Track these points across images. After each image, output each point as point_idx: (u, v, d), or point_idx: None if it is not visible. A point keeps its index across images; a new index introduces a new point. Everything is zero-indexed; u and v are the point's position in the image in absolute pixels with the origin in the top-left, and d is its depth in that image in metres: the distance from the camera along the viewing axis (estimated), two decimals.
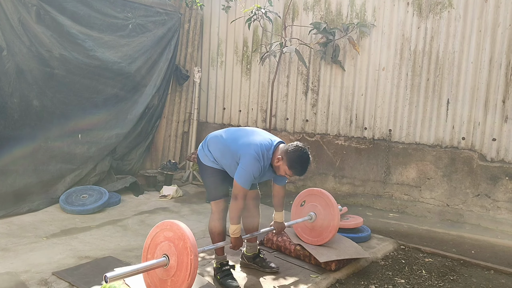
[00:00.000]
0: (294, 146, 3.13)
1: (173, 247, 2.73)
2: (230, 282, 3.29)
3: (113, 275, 2.55)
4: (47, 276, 3.30)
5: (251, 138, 3.20)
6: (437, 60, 5.22)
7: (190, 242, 2.67)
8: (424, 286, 3.59)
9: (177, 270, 2.70)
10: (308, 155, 3.14)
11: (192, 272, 2.65)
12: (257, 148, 3.11)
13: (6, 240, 4.00)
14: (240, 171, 3.10)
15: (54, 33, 4.97)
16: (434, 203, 5.32)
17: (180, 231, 2.73)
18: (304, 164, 3.12)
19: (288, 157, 3.10)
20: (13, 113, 4.77)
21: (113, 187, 5.55)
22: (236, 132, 3.35)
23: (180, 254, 2.69)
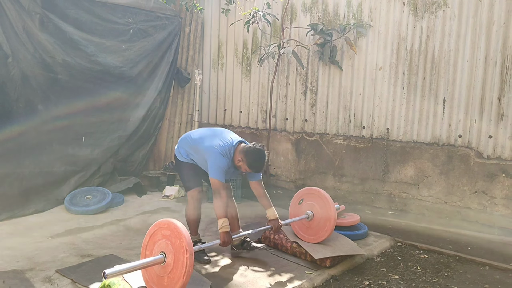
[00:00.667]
0: (252, 148, 3.57)
1: (170, 245, 2.87)
2: (202, 256, 3.75)
3: (112, 271, 2.69)
4: (51, 273, 3.43)
5: (214, 140, 3.63)
6: (433, 59, 5.29)
7: (186, 241, 2.80)
8: (418, 282, 3.66)
9: (173, 268, 2.84)
10: (263, 154, 3.59)
11: (188, 269, 2.77)
12: (219, 148, 3.56)
13: (13, 239, 4.15)
14: (211, 168, 3.55)
15: (57, 40, 5.13)
16: (432, 200, 5.38)
17: (176, 229, 2.86)
18: (261, 162, 3.59)
19: (247, 158, 3.55)
20: (19, 117, 4.93)
21: (116, 188, 5.69)
22: (203, 134, 3.81)
23: (177, 252, 2.83)
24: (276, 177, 6.66)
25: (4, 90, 4.76)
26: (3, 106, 4.78)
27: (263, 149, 3.60)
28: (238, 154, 3.60)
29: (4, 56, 4.72)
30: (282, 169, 6.60)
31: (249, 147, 3.59)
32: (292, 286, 3.41)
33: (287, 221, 4.03)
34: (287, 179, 6.56)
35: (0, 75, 4.72)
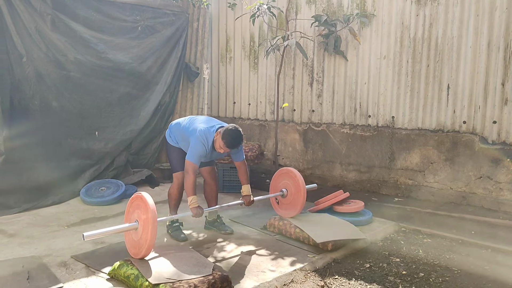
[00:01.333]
0: (226, 129, 3.84)
1: (142, 214, 3.37)
2: (179, 234, 4.14)
3: (90, 234, 3.21)
4: (66, 259, 3.64)
5: (198, 125, 3.96)
6: (436, 46, 5.32)
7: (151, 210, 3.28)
8: (419, 264, 3.75)
9: (143, 233, 3.33)
10: (238, 132, 3.84)
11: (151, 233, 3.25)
12: (201, 132, 3.87)
13: (32, 229, 4.40)
14: (189, 151, 3.91)
15: (68, 39, 5.35)
16: (437, 186, 5.44)
17: (144, 201, 3.36)
18: (234, 136, 3.82)
19: (223, 132, 3.83)
20: (35, 114, 5.18)
21: (130, 180, 5.91)
22: (190, 121, 4.13)
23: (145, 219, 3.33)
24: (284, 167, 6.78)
25: (20, 88, 5.01)
26: (20, 104, 5.03)
27: (238, 129, 3.87)
28: (217, 134, 3.90)
29: (19, 56, 4.97)
30: (291, 159, 6.73)
31: (225, 128, 3.87)
32: (294, 269, 3.54)
33: (262, 197, 4.52)
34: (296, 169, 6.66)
35: (16, 74, 4.96)
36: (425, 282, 3.42)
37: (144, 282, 3.00)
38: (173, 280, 3.00)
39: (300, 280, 3.42)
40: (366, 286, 3.32)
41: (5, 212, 4.80)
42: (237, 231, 4.45)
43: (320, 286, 3.34)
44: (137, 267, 3.15)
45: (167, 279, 3.00)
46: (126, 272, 3.13)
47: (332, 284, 3.37)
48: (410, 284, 3.37)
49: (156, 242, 3.99)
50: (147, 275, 3.04)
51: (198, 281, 3.01)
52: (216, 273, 3.15)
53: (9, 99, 4.92)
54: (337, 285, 3.35)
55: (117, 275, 3.22)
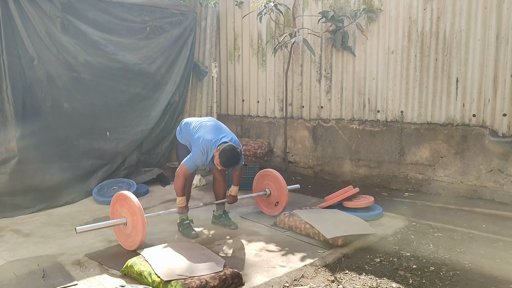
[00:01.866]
0: (226, 147, 3.93)
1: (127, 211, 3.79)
2: (190, 231, 4.23)
3: (81, 228, 3.63)
4: (80, 257, 3.72)
5: (205, 135, 4.07)
6: (444, 39, 5.29)
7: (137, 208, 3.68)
8: (429, 258, 3.75)
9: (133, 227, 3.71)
10: (235, 154, 3.93)
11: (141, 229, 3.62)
12: (204, 143, 4.01)
13: (46, 228, 4.49)
14: (188, 158, 4.08)
15: (78, 41, 5.43)
16: (448, 180, 5.42)
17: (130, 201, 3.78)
18: (228, 158, 3.92)
19: (220, 152, 3.92)
20: (47, 115, 5.27)
21: (141, 179, 5.98)
22: (200, 126, 4.24)
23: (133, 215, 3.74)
24: (294, 164, 6.82)
25: (32, 90, 5.11)
26: (32, 106, 5.12)
27: (237, 151, 3.95)
28: (215, 152, 3.99)
29: (30, 59, 5.06)
30: (300, 156, 6.75)
31: (227, 145, 3.93)
32: (304, 264, 3.58)
33: (246, 196, 4.87)
34: (305, 166, 6.70)
35: (28, 77, 5.06)
36: (436, 276, 3.43)
37: (156, 278, 3.05)
38: (185, 276, 3.05)
39: (310, 275, 3.45)
40: (376, 281, 3.34)
41: (20, 212, 4.90)
42: (247, 227, 4.49)
43: (331, 281, 3.37)
44: (150, 264, 3.21)
45: (179, 276, 3.05)
46: (139, 269, 3.19)
47: (343, 279, 3.39)
48: (421, 278, 3.38)
49: (167, 239, 4.09)
50: (159, 271, 3.09)
51: (210, 277, 3.06)
52: (227, 269, 3.20)
53: (22, 101, 5.02)
54: (347, 280, 3.38)
55: (130, 272, 3.28)
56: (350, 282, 3.35)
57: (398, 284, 3.29)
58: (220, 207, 4.59)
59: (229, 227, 4.45)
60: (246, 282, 3.24)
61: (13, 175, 4.95)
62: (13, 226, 4.53)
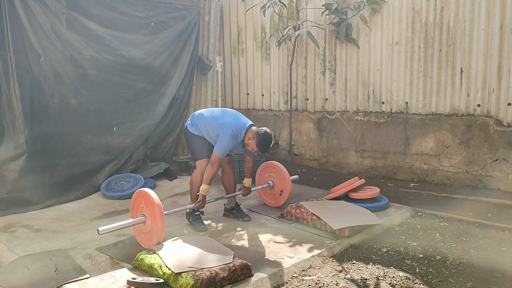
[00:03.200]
0: (264, 130, 4.00)
1: (147, 209, 3.71)
2: (199, 224, 4.26)
3: (104, 228, 3.54)
4: (91, 251, 3.78)
5: (229, 119, 4.08)
6: (448, 30, 5.29)
7: (156, 205, 3.59)
8: (436, 247, 3.78)
9: (152, 225, 3.65)
10: (271, 138, 4.00)
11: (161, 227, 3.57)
12: (234, 127, 4.01)
13: (56, 223, 4.55)
14: (219, 144, 4.01)
15: (83, 37, 5.48)
16: (453, 170, 5.44)
17: (149, 197, 3.66)
18: (268, 144, 4.00)
19: (258, 138, 3.98)
20: (55, 112, 5.33)
21: (148, 173, 6.04)
22: (217, 113, 4.23)
23: (152, 214, 3.65)
24: (300, 156, 6.86)
25: (39, 87, 5.16)
26: (40, 103, 5.17)
27: (272, 134, 4.01)
28: (249, 133, 4.04)
29: (37, 56, 5.11)
30: (306, 148, 6.78)
31: (261, 129, 4.02)
32: (312, 255, 3.62)
33: (255, 188, 4.87)
34: (311, 158, 6.74)
35: (35, 74, 5.11)
36: (442, 264, 3.46)
37: (166, 270, 3.10)
38: (195, 268, 3.10)
39: (318, 266, 3.49)
40: (383, 270, 3.38)
41: (30, 208, 4.97)
42: (255, 220, 4.54)
43: (338, 271, 3.41)
44: (160, 257, 3.26)
45: (189, 268, 3.10)
46: (150, 262, 3.24)
47: (350, 269, 3.43)
48: (427, 267, 3.41)
49: (176, 232, 4.15)
50: (169, 264, 3.14)
51: (219, 268, 3.11)
52: (236, 260, 3.25)
53: (29, 98, 5.07)
54: (354, 270, 3.41)
55: (140, 265, 3.34)
56: (358, 271, 3.38)
57: (405, 273, 3.32)
58: (232, 200, 4.62)
59: (243, 219, 4.50)
60: (255, 273, 3.28)
61: (23, 171, 5.01)
62: (24, 222, 4.60)
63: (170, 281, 3.05)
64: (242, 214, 4.57)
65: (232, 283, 3.10)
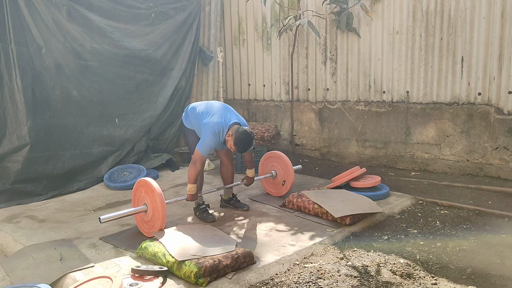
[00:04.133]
0: (243, 129, 3.89)
1: (148, 198, 3.76)
2: (207, 216, 4.25)
3: (105, 216, 3.61)
4: (95, 240, 3.83)
5: (213, 117, 3.98)
6: (449, 18, 5.28)
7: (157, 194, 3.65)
8: (436, 235, 3.82)
9: (153, 214, 3.70)
10: (251, 139, 3.91)
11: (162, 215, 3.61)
12: (216, 126, 3.91)
13: (60, 214, 4.60)
14: (201, 142, 3.96)
15: (84, 29, 5.48)
16: (454, 159, 5.46)
17: (149, 185, 3.72)
18: (245, 145, 3.91)
19: (235, 137, 3.88)
20: (57, 104, 5.34)
21: (151, 164, 6.07)
22: (205, 108, 4.13)
23: (153, 202, 3.70)
24: (301, 146, 6.88)
25: (41, 79, 5.17)
26: (41, 94, 5.19)
27: (252, 135, 3.92)
28: (230, 130, 3.94)
29: (38, 48, 5.12)
30: (307, 138, 6.80)
31: (240, 128, 3.91)
32: (313, 243, 3.65)
33: (258, 177, 4.85)
34: (312, 148, 6.76)
35: (36, 66, 5.12)
36: (442, 251, 3.49)
37: (170, 258, 3.14)
38: (198, 256, 3.14)
39: (319, 253, 3.53)
40: (384, 257, 3.41)
41: (34, 199, 5.02)
42: (257, 209, 4.58)
43: (340, 258, 3.44)
44: (164, 245, 3.30)
45: (192, 256, 3.14)
46: (153, 250, 3.28)
47: (351, 256, 3.47)
48: (428, 254, 3.45)
49: (179, 222, 4.19)
50: (173, 252, 3.18)
51: (222, 256, 3.14)
52: (239, 248, 3.29)
53: (31, 90, 5.08)
54: (356, 257, 3.45)
55: (144, 254, 3.38)
56: (359, 259, 3.42)
57: (406, 259, 3.36)
58: (228, 191, 4.62)
59: (242, 209, 4.52)
60: (257, 260, 3.32)
61: (26, 163, 5.05)
62: (28, 213, 4.65)
63: (174, 269, 3.09)
64: (241, 204, 4.59)
65: (235, 270, 3.14)
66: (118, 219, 3.86)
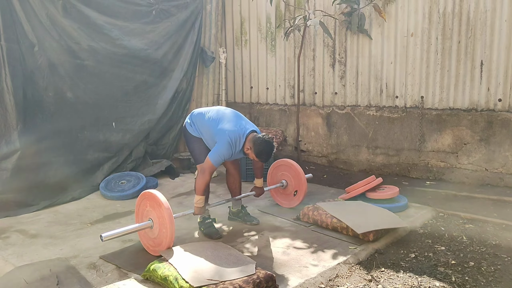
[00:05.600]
0: (261, 139, 3.63)
1: (154, 212, 3.42)
2: (213, 231, 3.92)
3: (108, 234, 3.22)
4: (95, 260, 3.45)
5: (228, 125, 3.70)
6: (468, 21, 5.03)
7: (164, 207, 3.30)
8: (466, 252, 3.55)
9: (160, 230, 3.36)
10: (272, 147, 3.67)
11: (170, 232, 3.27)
12: (231, 135, 3.63)
13: (54, 228, 4.20)
14: (214, 151, 3.66)
15: (81, 25, 5.08)
16: (472, 168, 5.20)
17: (156, 199, 3.37)
18: (268, 154, 3.68)
19: (255, 149, 3.63)
20: (49, 106, 4.95)
21: (149, 171, 5.69)
22: (217, 115, 3.82)
23: (160, 217, 3.35)
24: (307, 152, 6.57)
25: (33, 79, 4.77)
26: (33, 96, 4.79)
27: (272, 141, 3.69)
28: (247, 142, 3.68)
29: (31, 45, 4.72)
30: (314, 144, 6.49)
31: (259, 137, 3.65)
32: (337, 262, 3.34)
33: (268, 188, 4.60)
34: (319, 154, 6.45)
35: (28, 65, 4.72)
36: (477, 271, 3.22)
37: (184, 284, 2.79)
38: (215, 281, 2.80)
39: (345, 275, 3.22)
40: (416, 279, 3.12)
41: (24, 210, 4.61)
42: (269, 222, 4.25)
43: (368, 280, 3.14)
44: (175, 267, 2.95)
45: (209, 281, 2.80)
46: (164, 273, 2.93)
47: (380, 278, 3.16)
48: (462, 275, 3.17)
49: (186, 238, 3.84)
50: (186, 276, 2.84)
51: (242, 281, 2.81)
52: (260, 271, 2.95)
53: (22, 91, 4.68)
54: (385, 279, 3.15)
55: (153, 277, 3.02)
56: (389, 281, 3.12)
57: (441, 282, 3.07)
58: (237, 203, 4.30)
59: (251, 223, 4.18)
60: (279, 284, 2.99)
61: (15, 170, 4.64)
62: (18, 226, 4.23)
63: None
64: (250, 217, 4.25)
65: None
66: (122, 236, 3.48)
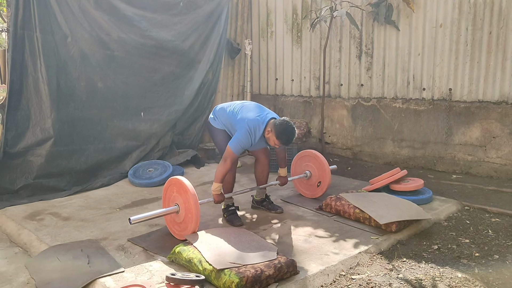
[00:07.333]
0: (281, 120, 3.66)
1: (180, 198, 3.51)
2: (235, 218, 3.98)
3: (136, 217, 3.36)
4: (123, 242, 3.58)
5: (248, 114, 3.77)
6: (500, 11, 4.92)
7: (191, 194, 3.38)
8: (491, 245, 3.51)
9: (186, 215, 3.45)
10: (293, 128, 3.66)
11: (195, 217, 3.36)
12: (250, 123, 3.69)
13: (85, 211, 4.37)
14: (233, 139, 3.72)
15: (111, 17, 5.22)
16: (501, 162, 5.11)
17: (182, 185, 3.47)
18: (289, 135, 3.65)
19: (276, 130, 3.63)
20: (81, 95, 5.11)
21: (176, 160, 5.82)
22: (237, 108, 3.92)
23: (186, 203, 3.44)
24: (332, 144, 6.57)
25: (66, 69, 4.94)
26: (66, 85, 4.96)
27: (290, 123, 3.67)
28: (268, 126, 3.71)
29: (64, 36, 4.88)
30: (338, 136, 6.49)
31: (279, 120, 3.69)
32: (358, 251, 3.36)
33: (292, 178, 4.60)
34: (343, 147, 6.44)
35: (62, 55, 4.88)
36: (502, 265, 3.18)
37: (207, 266, 2.88)
38: (238, 264, 2.87)
39: (366, 263, 3.24)
40: (438, 270, 3.11)
41: (57, 195, 4.80)
42: (291, 212, 4.30)
43: (389, 269, 3.15)
44: (199, 250, 3.04)
45: (232, 264, 2.87)
46: (188, 256, 3.02)
47: (401, 267, 3.17)
48: (486, 267, 3.14)
49: (210, 224, 3.94)
50: (210, 259, 2.92)
51: (264, 265, 2.87)
52: (281, 257, 3.01)
53: (56, 80, 4.85)
54: (406, 269, 3.15)
55: (177, 259, 3.12)
56: (410, 271, 3.12)
57: (463, 273, 3.05)
58: (261, 192, 4.35)
59: (275, 211, 4.24)
60: (300, 270, 3.04)
61: (49, 157, 4.83)
62: (51, 209, 4.42)
63: (212, 277, 2.82)
64: (274, 206, 4.31)
65: (277, 281, 2.86)
66: (150, 219, 3.60)
